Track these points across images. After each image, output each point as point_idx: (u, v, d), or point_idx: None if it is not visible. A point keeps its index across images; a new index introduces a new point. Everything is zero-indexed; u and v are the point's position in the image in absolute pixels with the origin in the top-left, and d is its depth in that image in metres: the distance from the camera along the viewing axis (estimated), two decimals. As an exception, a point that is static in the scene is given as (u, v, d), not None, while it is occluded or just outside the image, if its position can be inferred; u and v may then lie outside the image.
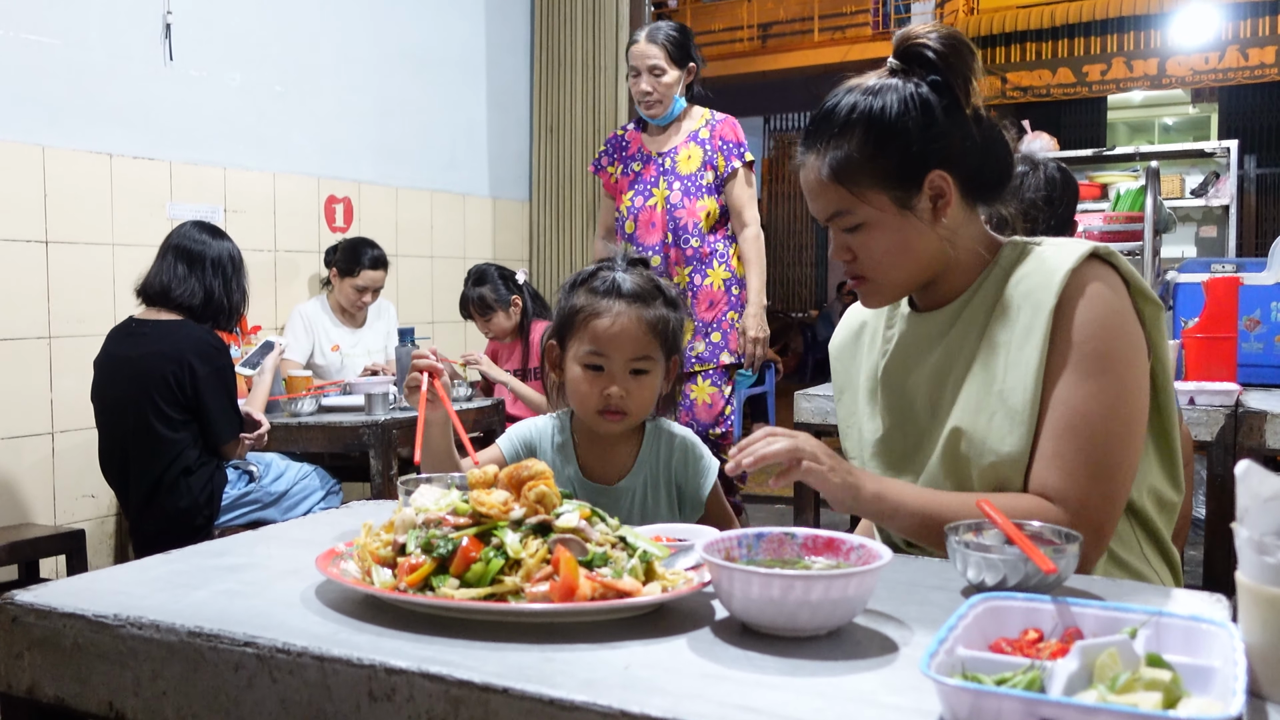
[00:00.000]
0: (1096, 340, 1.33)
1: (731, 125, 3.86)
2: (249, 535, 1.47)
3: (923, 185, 1.40)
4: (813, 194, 1.46)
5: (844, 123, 1.41)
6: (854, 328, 1.68)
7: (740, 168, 3.78)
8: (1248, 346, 3.31)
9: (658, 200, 3.79)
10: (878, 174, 1.40)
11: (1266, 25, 9.67)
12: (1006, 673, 0.82)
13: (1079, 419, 1.32)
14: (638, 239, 3.82)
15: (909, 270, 1.44)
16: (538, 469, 1.17)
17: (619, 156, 3.98)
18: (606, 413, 1.60)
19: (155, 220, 3.87)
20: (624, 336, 1.58)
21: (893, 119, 1.39)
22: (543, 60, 5.94)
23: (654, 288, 1.63)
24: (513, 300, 4.30)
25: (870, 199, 1.40)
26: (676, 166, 3.81)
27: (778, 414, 8.21)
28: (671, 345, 1.63)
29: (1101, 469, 1.31)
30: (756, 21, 12.31)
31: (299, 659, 0.98)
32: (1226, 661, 0.83)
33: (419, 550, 1.09)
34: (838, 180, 1.41)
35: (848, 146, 1.40)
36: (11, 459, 3.51)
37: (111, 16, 3.78)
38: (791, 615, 0.98)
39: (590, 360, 1.59)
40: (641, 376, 1.60)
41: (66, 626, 1.10)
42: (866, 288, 1.48)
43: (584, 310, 1.61)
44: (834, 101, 1.45)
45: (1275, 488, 0.86)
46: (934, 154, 1.40)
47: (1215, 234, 6.48)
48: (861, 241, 1.43)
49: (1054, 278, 1.36)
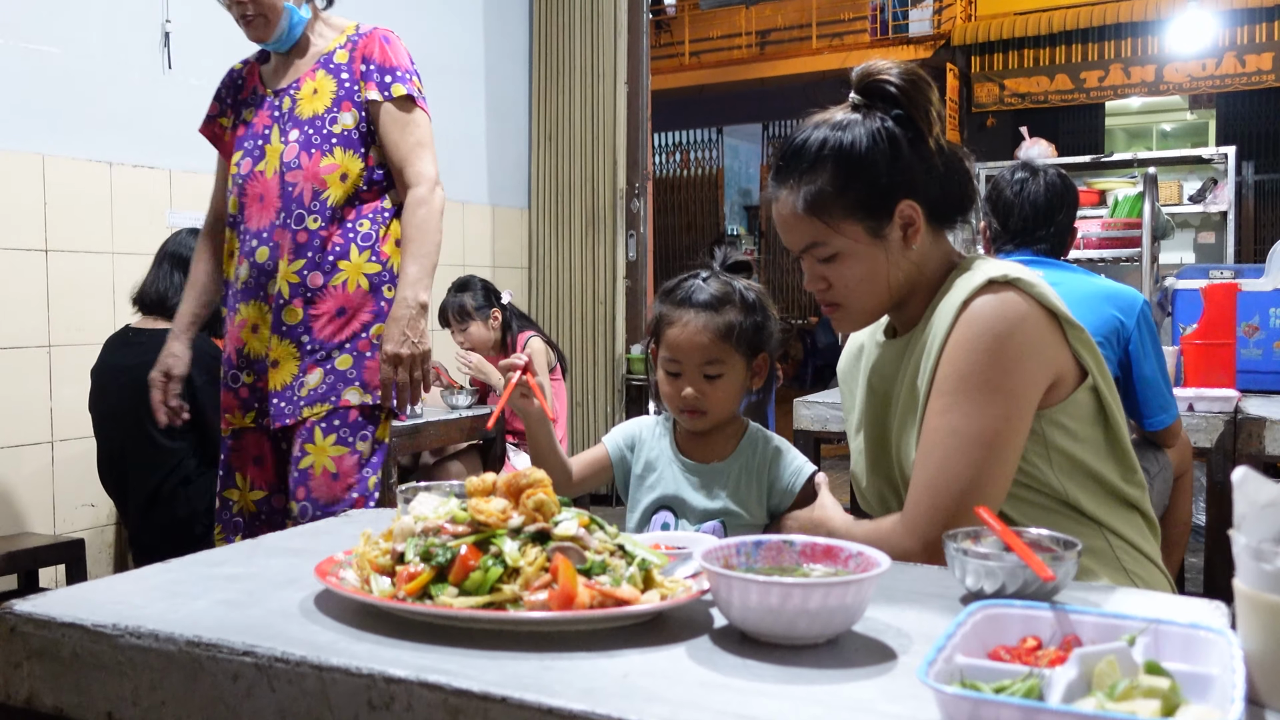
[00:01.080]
0: (954, 363, 1.41)
1: (381, 41, 2.53)
2: (247, 544, 1.47)
3: (893, 215, 1.48)
4: (787, 227, 1.52)
5: (815, 158, 1.47)
6: (854, 350, 1.75)
7: (391, 102, 2.49)
8: (1246, 353, 3.31)
9: (270, 161, 2.49)
10: (850, 206, 1.46)
11: (1263, 32, 9.70)
12: (1005, 680, 0.82)
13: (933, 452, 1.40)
14: (244, 223, 2.51)
15: (880, 296, 1.52)
16: (536, 476, 1.17)
17: (232, 101, 2.70)
18: (686, 411, 1.72)
19: (155, 228, 3.86)
20: (693, 344, 1.69)
21: (863, 152, 1.46)
22: (541, 69, 5.96)
23: (728, 293, 1.72)
24: (492, 313, 4.33)
25: (844, 230, 1.47)
26: (296, 108, 2.50)
27: (777, 421, 8.21)
28: (751, 345, 1.72)
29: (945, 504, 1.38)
30: (755, 29, 12.34)
31: (298, 668, 0.98)
32: (1225, 669, 0.83)
33: (417, 559, 1.09)
34: (812, 213, 1.47)
35: (820, 181, 1.46)
36: (11, 468, 3.51)
37: (111, 25, 3.79)
38: (790, 623, 0.98)
39: (668, 366, 1.73)
40: (715, 380, 1.70)
41: (65, 636, 1.10)
42: (840, 314, 1.55)
43: (664, 319, 1.73)
44: (803, 137, 1.50)
45: (1272, 494, 0.86)
46: (902, 185, 1.47)
47: (1213, 240, 6.49)
48: (835, 271, 1.50)
49: (951, 308, 1.43)
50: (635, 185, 5.83)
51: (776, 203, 1.52)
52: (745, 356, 1.73)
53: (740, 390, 1.75)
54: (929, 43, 11.23)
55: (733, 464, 1.76)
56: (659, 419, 1.86)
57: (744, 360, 1.73)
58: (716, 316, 1.70)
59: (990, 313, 1.39)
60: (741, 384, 1.75)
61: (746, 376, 1.75)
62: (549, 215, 5.97)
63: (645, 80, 5.91)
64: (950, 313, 1.42)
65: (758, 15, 12.16)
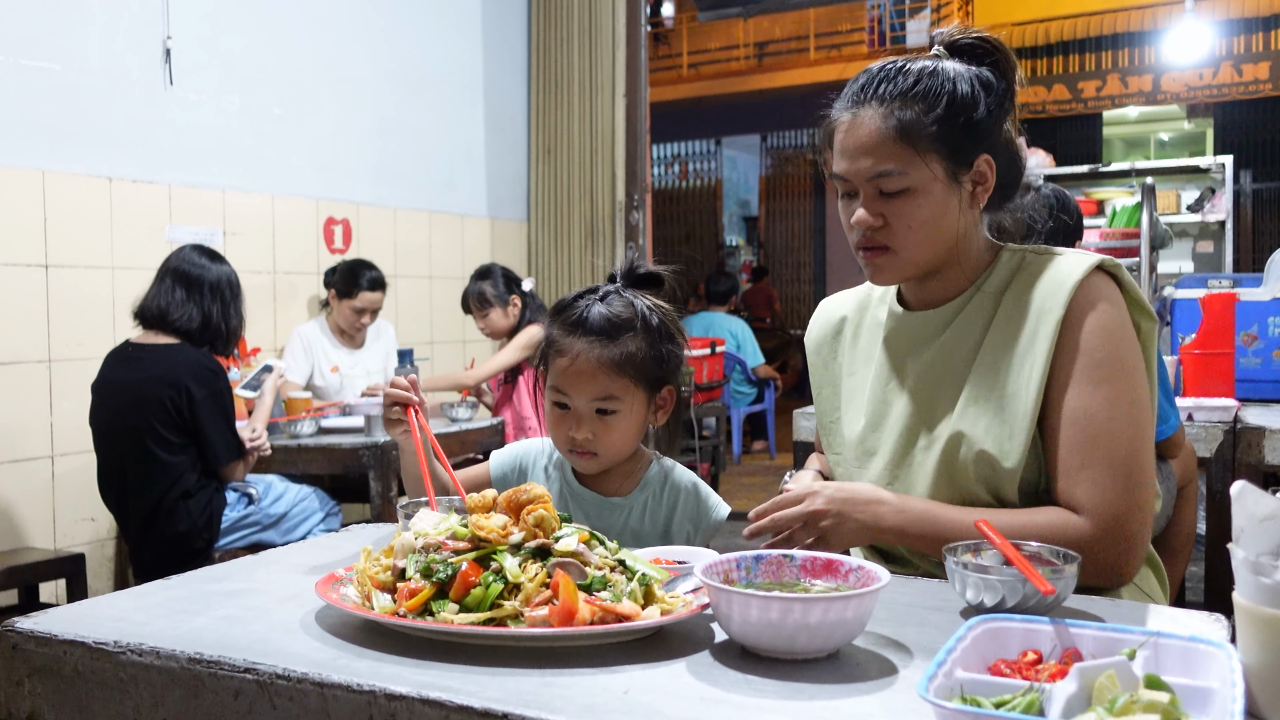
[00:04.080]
0: (1106, 349, 1.35)
1: None
2: (248, 560, 1.47)
3: (972, 166, 1.42)
4: (863, 148, 1.40)
5: (915, 82, 1.40)
6: (832, 322, 1.66)
7: None
8: (1245, 362, 3.32)
9: None
10: (939, 139, 1.39)
11: (1260, 41, 9.72)
12: (1005, 695, 0.82)
13: (1100, 430, 1.34)
14: None
15: (933, 249, 1.43)
16: (536, 493, 1.17)
17: None
18: (576, 451, 1.54)
19: (155, 243, 3.87)
20: (583, 377, 1.49)
21: (966, 90, 1.41)
22: (540, 82, 5.97)
23: (628, 317, 1.52)
24: (511, 300, 4.32)
25: (928, 163, 1.39)
26: None
27: (777, 431, 8.21)
28: (654, 378, 1.54)
29: (1129, 479, 1.33)
30: (753, 40, 12.37)
31: (299, 685, 0.98)
32: (1224, 683, 0.83)
33: (418, 575, 1.09)
34: (902, 137, 1.38)
35: (919, 106, 1.39)
36: (11, 482, 3.51)
37: (111, 41, 3.80)
38: (790, 638, 0.98)
39: (556, 398, 1.54)
40: (609, 417, 1.51)
41: (67, 654, 1.10)
42: (884, 260, 1.44)
43: (553, 344, 1.54)
44: (900, 63, 1.43)
45: (1270, 508, 0.86)
46: (987, 137, 1.42)
47: (1212, 249, 6.49)
48: (900, 207, 1.40)
49: (1061, 288, 1.38)
50: (634, 197, 5.84)
51: (854, 121, 1.41)
52: (646, 390, 1.53)
53: (639, 428, 1.55)
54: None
55: (635, 498, 1.58)
56: (547, 442, 1.66)
57: (645, 394, 1.53)
58: (612, 345, 1.49)
59: (1117, 300, 1.38)
60: (641, 421, 1.55)
61: (647, 412, 1.55)
62: (548, 227, 5.98)
63: (643, 92, 5.92)
64: (1059, 291, 1.37)
65: (755, 27, 12.18)
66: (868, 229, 1.42)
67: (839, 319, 1.66)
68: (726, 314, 7.91)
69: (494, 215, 5.84)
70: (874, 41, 11.80)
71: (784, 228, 13.96)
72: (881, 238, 1.42)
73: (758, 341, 8.00)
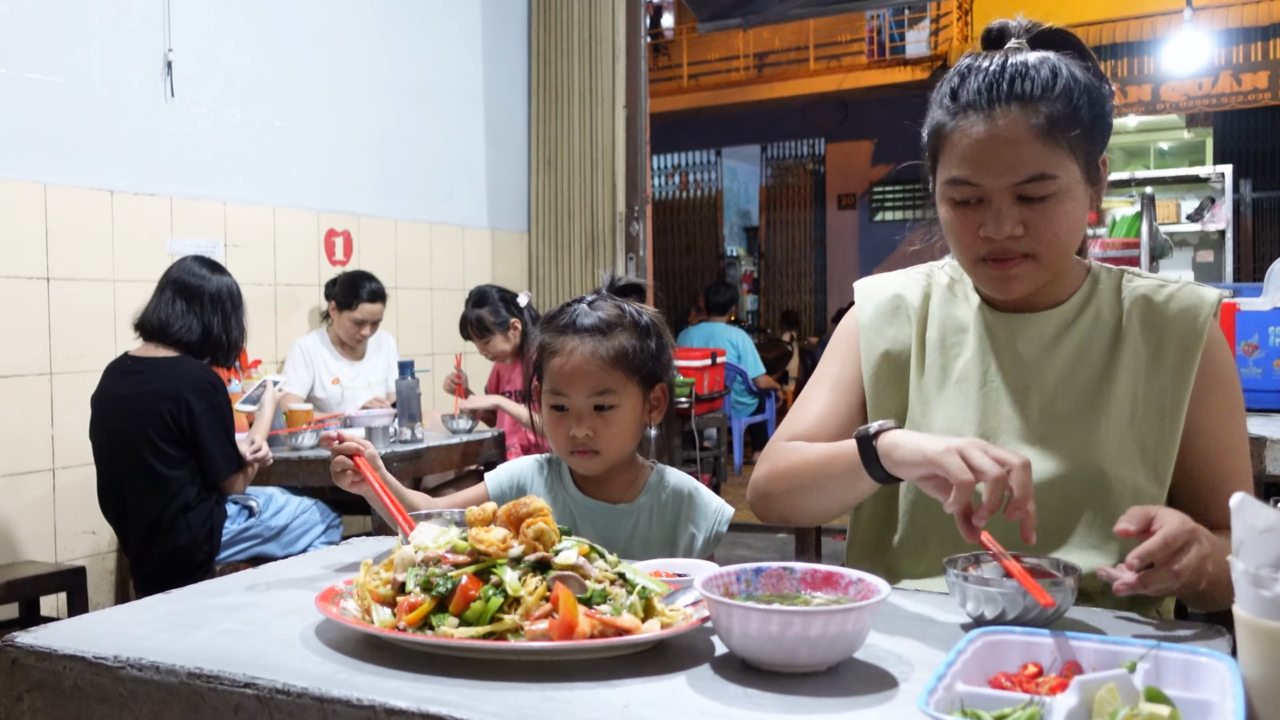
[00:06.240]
0: (1236, 384, 1.41)
1: None
2: (248, 574, 1.47)
3: (1099, 164, 1.36)
4: (1010, 150, 1.29)
5: (1054, 79, 1.30)
6: (888, 299, 1.55)
7: None
8: (1246, 372, 3.31)
9: None
10: (1082, 138, 1.31)
11: (1258, 50, 9.75)
12: (1006, 709, 0.82)
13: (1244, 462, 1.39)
14: None
15: (1070, 254, 1.36)
16: (536, 505, 1.17)
17: None
18: (577, 452, 1.55)
19: (156, 256, 3.88)
20: (580, 373, 1.52)
21: (1096, 87, 1.34)
22: (540, 93, 5.98)
23: (619, 316, 1.55)
24: (511, 323, 4.31)
25: (1075, 164, 1.31)
26: None
27: (778, 442, 8.18)
28: (647, 374, 1.56)
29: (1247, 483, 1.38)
30: (753, 51, 12.40)
31: (299, 700, 0.98)
32: (1225, 696, 0.83)
33: (418, 589, 1.09)
34: (1052, 138, 1.29)
35: (1063, 104, 1.29)
36: (12, 496, 3.51)
37: (113, 54, 3.82)
38: (790, 651, 0.98)
39: (554, 401, 1.55)
40: (607, 412, 1.53)
41: (67, 669, 1.10)
42: (1023, 269, 1.34)
43: (546, 349, 1.57)
44: (1021, 60, 1.32)
45: (1270, 520, 0.86)
46: (1108, 133, 1.36)
47: (1212, 259, 6.49)
48: (1049, 213, 1.31)
49: (1196, 320, 1.39)
50: (634, 208, 5.85)
51: (990, 124, 1.29)
52: (641, 386, 1.55)
53: (637, 425, 1.57)
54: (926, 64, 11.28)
55: (641, 504, 1.59)
56: (543, 458, 1.67)
57: (639, 390, 1.55)
58: (606, 341, 1.52)
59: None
60: (638, 417, 1.57)
61: (643, 409, 1.57)
62: (549, 239, 5.99)
63: (644, 103, 5.93)
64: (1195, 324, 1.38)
65: (755, 38, 12.21)
66: (1007, 239, 1.32)
67: (894, 296, 1.55)
68: (727, 324, 7.92)
69: (494, 226, 5.85)
70: (873, 52, 11.84)
71: (784, 238, 13.97)
72: (1021, 247, 1.32)
73: (758, 352, 8.00)
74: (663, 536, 1.60)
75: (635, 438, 1.58)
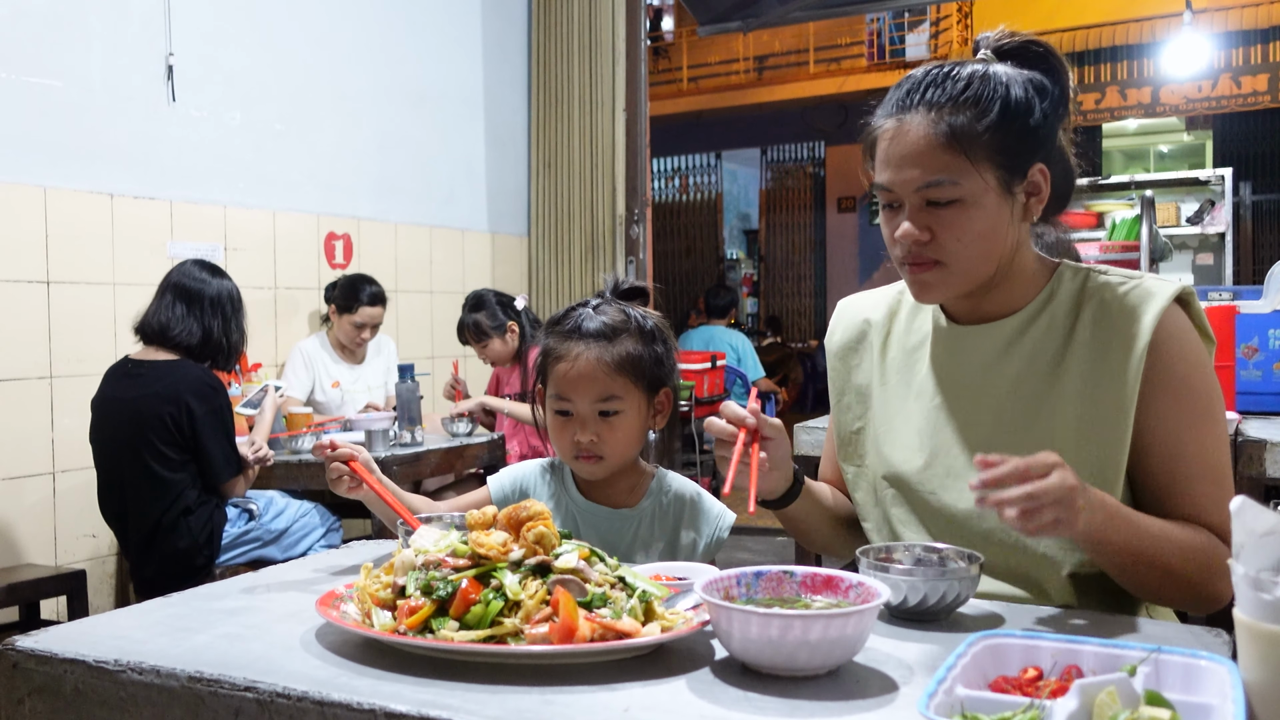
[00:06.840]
0: (1203, 381, 1.34)
1: None
2: (249, 577, 1.47)
3: (1026, 175, 1.35)
4: (912, 157, 1.32)
5: (966, 86, 1.32)
6: (857, 325, 1.59)
7: None
8: (1246, 374, 3.31)
9: None
10: (994, 148, 1.31)
11: (1258, 53, 9.75)
12: (1006, 712, 0.82)
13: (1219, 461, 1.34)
14: None
15: (989, 262, 1.36)
16: (536, 509, 1.17)
17: None
18: (581, 457, 1.55)
19: (156, 259, 3.88)
20: (585, 379, 1.52)
21: (1020, 95, 1.33)
22: (540, 96, 5.99)
23: (624, 321, 1.56)
24: (509, 326, 4.32)
25: (981, 172, 1.31)
26: None
27: (778, 445, 8.17)
28: (651, 379, 1.56)
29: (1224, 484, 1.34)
30: (752, 54, 12.41)
31: (299, 703, 0.98)
32: (1225, 699, 0.83)
33: (418, 592, 1.09)
34: (954, 144, 1.30)
35: (971, 112, 1.31)
36: (12, 499, 3.51)
37: (114, 58, 3.82)
38: (790, 655, 0.98)
39: (558, 406, 1.55)
40: (612, 418, 1.53)
41: (67, 672, 1.10)
42: (934, 275, 1.36)
43: (550, 354, 1.57)
44: (949, 67, 1.35)
45: (1270, 523, 0.86)
46: (1042, 145, 1.35)
47: (1212, 261, 6.50)
48: (951, 219, 1.32)
49: (1145, 317, 1.34)
50: (634, 211, 5.85)
51: (897, 128, 1.33)
52: (645, 391, 1.56)
53: (641, 430, 1.57)
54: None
55: (644, 509, 1.60)
56: (545, 462, 1.68)
57: (644, 395, 1.56)
58: (611, 346, 1.53)
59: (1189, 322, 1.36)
60: (642, 423, 1.57)
61: (647, 414, 1.58)
62: (549, 242, 5.99)
63: (644, 106, 5.94)
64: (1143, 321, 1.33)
65: (755, 41, 12.22)
66: (914, 243, 1.34)
67: (863, 321, 1.58)
68: (727, 327, 7.92)
69: (494, 230, 5.85)
70: (873, 55, 11.84)
71: (784, 241, 13.98)
72: (930, 252, 1.34)
73: (758, 355, 8.00)
74: (663, 540, 1.60)
75: (639, 443, 1.58)
